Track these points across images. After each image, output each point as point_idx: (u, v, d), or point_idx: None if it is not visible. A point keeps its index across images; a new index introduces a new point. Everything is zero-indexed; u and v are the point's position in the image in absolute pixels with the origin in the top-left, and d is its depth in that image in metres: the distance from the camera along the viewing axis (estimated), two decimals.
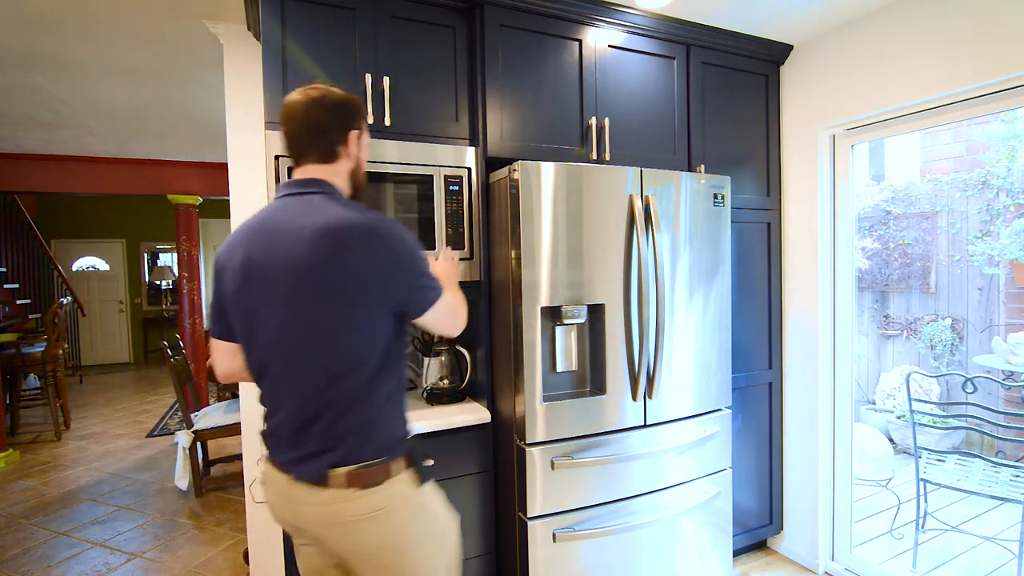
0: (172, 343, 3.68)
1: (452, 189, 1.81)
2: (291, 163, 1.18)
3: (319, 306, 1.03)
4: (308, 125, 1.12)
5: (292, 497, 1.09)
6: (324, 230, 1.03)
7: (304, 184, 1.12)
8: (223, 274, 1.13)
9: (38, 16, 2.18)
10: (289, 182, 1.14)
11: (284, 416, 1.09)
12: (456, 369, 1.99)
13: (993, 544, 2.55)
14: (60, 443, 4.44)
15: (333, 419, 1.05)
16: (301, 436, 1.07)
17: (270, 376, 1.11)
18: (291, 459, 1.09)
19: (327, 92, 1.14)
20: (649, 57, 2.11)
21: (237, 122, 2.15)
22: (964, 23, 1.79)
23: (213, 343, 1.20)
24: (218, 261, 1.15)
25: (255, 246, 1.08)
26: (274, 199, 1.15)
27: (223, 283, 1.13)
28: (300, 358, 1.06)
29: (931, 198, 3.91)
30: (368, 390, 1.07)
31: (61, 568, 2.54)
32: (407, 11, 1.79)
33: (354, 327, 1.05)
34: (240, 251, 1.09)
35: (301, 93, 1.14)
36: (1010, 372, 3.13)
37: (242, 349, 1.15)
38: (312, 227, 1.03)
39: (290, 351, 1.06)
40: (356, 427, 1.06)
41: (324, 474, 1.05)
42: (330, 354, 1.05)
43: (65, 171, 4.79)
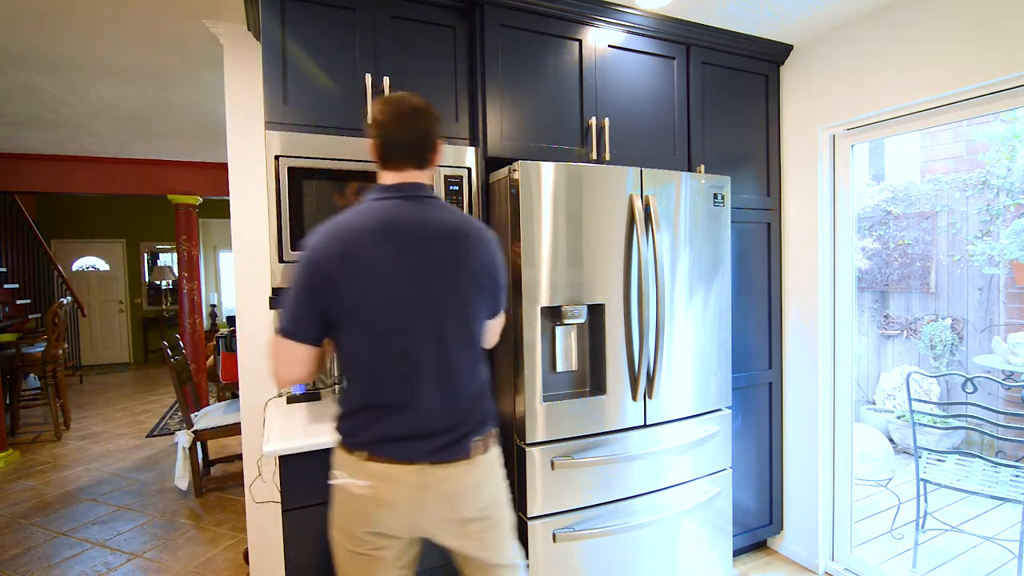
0: (172, 343, 3.68)
1: (452, 189, 1.81)
2: (382, 164, 1.23)
3: (460, 299, 1.20)
4: (418, 132, 1.21)
5: (430, 483, 1.18)
6: (459, 230, 1.20)
7: (413, 188, 1.22)
8: (343, 274, 1.12)
9: (38, 16, 2.18)
10: (398, 185, 1.22)
11: (425, 407, 1.18)
12: None
13: (993, 544, 2.55)
14: (60, 443, 4.45)
15: (473, 400, 1.23)
16: (451, 420, 1.20)
17: (410, 369, 1.17)
18: (439, 446, 1.19)
19: (427, 102, 1.25)
20: (649, 57, 2.11)
21: (237, 122, 2.15)
22: (964, 23, 1.79)
23: (292, 348, 1.15)
24: (329, 263, 1.12)
25: (395, 244, 1.15)
26: (383, 200, 1.20)
27: (341, 283, 1.12)
28: (449, 347, 1.19)
29: (931, 198, 3.91)
30: (484, 373, 1.29)
31: (61, 568, 2.54)
32: (407, 11, 1.79)
33: (479, 318, 1.25)
34: (369, 250, 1.13)
35: (407, 100, 1.22)
36: (1010, 372, 3.13)
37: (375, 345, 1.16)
38: (447, 227, 1.19)
39: (441, 341, 1.18)
40: (485, 404, 1.27)
41: (468, 448, 1.21)
42: (469, 342, 1.23)
43: (65, 171, 4.79)
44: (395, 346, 1.16)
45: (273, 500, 2.17)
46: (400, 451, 1.18)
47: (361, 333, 1.16)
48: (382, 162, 1.23)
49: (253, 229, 2.18)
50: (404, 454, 1.17)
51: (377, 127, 1.21)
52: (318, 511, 1.54)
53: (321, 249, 1.14)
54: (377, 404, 1.18)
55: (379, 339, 1.16)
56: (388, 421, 1.18)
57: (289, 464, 1.51)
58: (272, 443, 1.49)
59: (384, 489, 1.17)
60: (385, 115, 1.20)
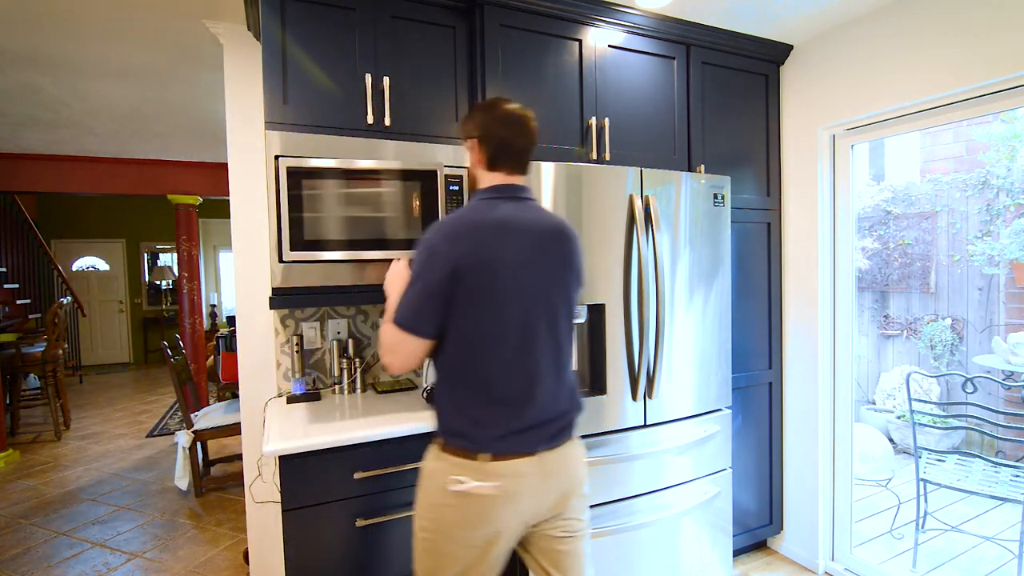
0: (172, 343, 3.68)
1: (452, 189, 1.80)
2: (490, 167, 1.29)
3: (567, 296, 1.30)
4: (531, 139, 1.31)
5: (550, 469, 1.25)
6: (562, 231, 1.29)
7: (521, 190, 1.31)
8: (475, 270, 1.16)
9: (38, 16, 2.18)
10: (508, 187, 1.29)
11: (541, 397, 1.24)
12: None
13: (993, 544, 2.55)
14: (60, 443, 4.44)
15: (573, 387, 1.33)
16: (561, 406, 1.28)
17: (530, 363, 1.22)
18: (554, 432, 1.26)
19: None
20: (649, 57, 2.11)
21: (237, 122, 2.15)
22: (964, 23, 1.79)
23: (410, 343, 1.19)
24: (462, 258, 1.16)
25: (518, 243, 1.21)
26: (497, 199, 1.26)
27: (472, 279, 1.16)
28: (560, 340, 1.28)
29: (931, 198, 3.91)
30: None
31: (61, 568, 2.54)
32: (407, 11, 1.79)
33: (575, 313, 1.35)
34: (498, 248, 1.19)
35: (520, 109, 1.30)
36: (1010, 372, 3.13)
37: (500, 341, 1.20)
38: (554, 228, 1.28)
39: (554, 335, 1.27)
40: (577, 390, 1.35)
41: (573, 429, 1.32)
42: (570, 335, 1.32)
43: (65, 171, 4.79)
44: (519, 341, 1.21)
45: (273, 500, 2.17)
46: (524, 444, 1.22)
47: (486, 329, 1.19)
48: (490, 164, 1.29)
49: (253, 229, 2.18)
50: (527, 446, 1.22)
51: (491, 132, 1.28)
52: (318, 511, 1.54)
53: (453, 245, 1.17)
54: (501, 400, 1.21)
55: (504, 335, 1.20)
56: (512, 416, 1.21)
57: (289, 464, 1.51)
58: (272, 443, 1.49)
59: (512, 484, 1.20)
60: (500, 122, 1.28)
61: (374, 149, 1.71)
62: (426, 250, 1.19)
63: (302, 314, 2.14)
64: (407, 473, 1.66)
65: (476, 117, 1.32)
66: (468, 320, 1.19)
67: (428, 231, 1.22)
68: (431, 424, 1.69)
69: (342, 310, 2.19)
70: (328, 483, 1.55)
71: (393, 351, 1.21)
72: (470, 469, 1.19)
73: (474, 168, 1.34)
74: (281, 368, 2.12)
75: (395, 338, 1.20)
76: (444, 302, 1.17)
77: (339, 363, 2.09)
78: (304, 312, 2.14)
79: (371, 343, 2.24)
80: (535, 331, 1.23)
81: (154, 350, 8.32)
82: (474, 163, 1.33)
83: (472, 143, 1.32)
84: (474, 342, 1.20)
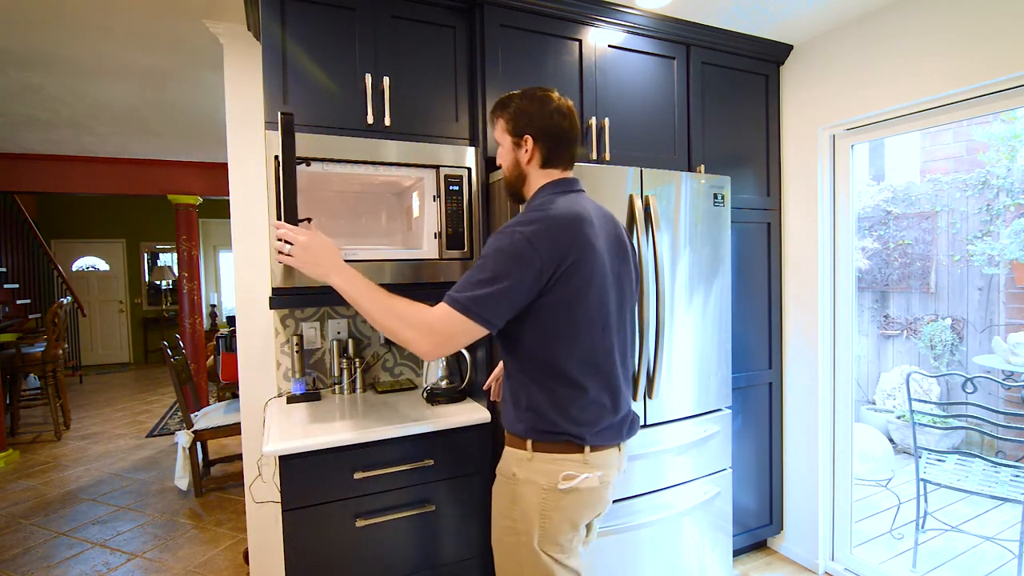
0: (172, 343, 3.68)
1: (452, 189, 1.80)
2: (548, 162, 1.27)
3: (634, 287, 1.34)
4: (580, 132, 1.33)
5: (623, 461, 1.30)
6: (617, 220, 1.33)
7: (578, 184, 1.30)
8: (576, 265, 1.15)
9: (38, 16, 2.18)
10: (570, 180, 1.29)
11: (623, 390, 1.27)
12: (456, 369, 1.99)
13: (993, 544, 2.55)
14: (60, 443, 4.44)
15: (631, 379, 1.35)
16: (630, 399, 1.32)
17: (616, 355, 1.24)
18: (629, 423, 1.29)
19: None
20: (649, 57, 2.11)
21: (237, 122, 2.15)
22: (964, 23, 1.79)
23: (472, 330, 1.12)
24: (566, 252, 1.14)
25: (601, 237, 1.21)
26: (568, 193, 1.25)
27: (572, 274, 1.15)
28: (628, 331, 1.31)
29: (931, 198, 3.91)
30: None
31: (61, 568, 2.54)
32: (407, 11, 1.79)
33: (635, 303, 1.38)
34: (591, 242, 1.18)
35: (568, 100, 1.28)
36: (1010, 372, 3.13)
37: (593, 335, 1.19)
38: (613, 217, 1.31)
39: (626, 326, 1.29)
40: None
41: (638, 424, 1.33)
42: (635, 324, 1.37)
43: (65, 171, 4.79)
44: (608, 334, 1.22)
45: (273, 500, 2.17)
46: (614, 436, 1.25)
47: (583, 324, 1.18)
48: (549, 160, 1.26)
49: (253, 229, 2.18)
50: (616, 438, 1.25)
51: (547, 128, 1.24)
52: (318, 511, 1.54)
53: (549, 243, 1.12)
54: (599, 393, 1.21)
55: (598, 329, 1.20)
56: (608, 409, 1.23)
57: (289, 464, 1.51)
58: (272, 443, 1.49)
59: (607, 475, 1.24)
60: (557, 116, 1.24)
61: (374, 149, 1.71)
62: (517, 242, 1.11)
63: (302, 314, 2.14)
64: (407, 473, 1.66)
65: (527, 112, 1.24)
66: (564, 317, 1.16)
67: (513, 227, 1.14)
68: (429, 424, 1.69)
69: (342, 310, 2.19)
70: (328, 483, 1.55)
71: (451, 337, 1.13)
72: (577, 463, 1.19)
73: (520, 166, 1.28)
74: (281, 368, 2.12)
75: (459, 324, 1.11)
76: (528, 299, 1.13)
77: (339, 363, 2.09)
78: (304, 312, 2.14)
79: (371, 343, 2.24)
80: (620, 323, 1.26)
81: (154, 350, 8.32)
82: (521, 160, 1.27)
83: (525, 140, 1.25)
84: (571, 337, 1.17)
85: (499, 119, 1.31)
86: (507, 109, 1.28)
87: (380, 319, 1.16)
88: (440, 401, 1.91)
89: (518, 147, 1.27)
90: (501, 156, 1.33)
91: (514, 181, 1.31)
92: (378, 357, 2.25)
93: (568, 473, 1.18)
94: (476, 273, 1.13)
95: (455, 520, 1.74)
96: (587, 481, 1.19)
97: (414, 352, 1.16)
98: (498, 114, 1.31)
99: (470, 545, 1.78)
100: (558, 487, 1.18)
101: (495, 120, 1.32)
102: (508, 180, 1.33)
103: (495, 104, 1.33)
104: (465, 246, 1.84)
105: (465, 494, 1.77)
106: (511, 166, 1.30)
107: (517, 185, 1.32)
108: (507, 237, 1.13)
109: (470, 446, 1.77)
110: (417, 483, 1.68)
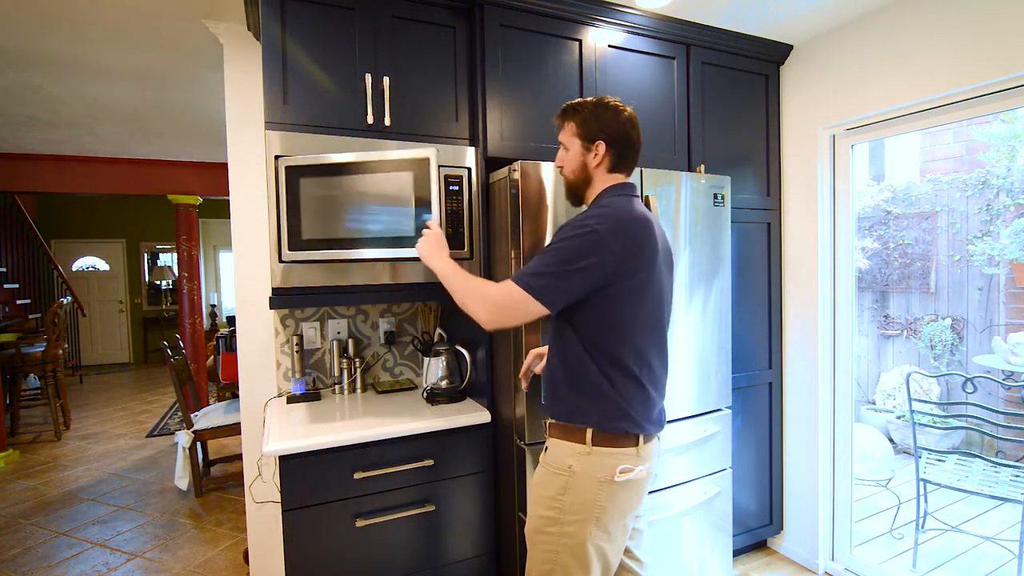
0: (172, 343, 3.68)
1: (452, 189, 1.80)
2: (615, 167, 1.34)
3: (673, 286, 1.42)
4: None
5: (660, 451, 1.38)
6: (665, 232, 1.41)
7: (636, 190, 1.37)
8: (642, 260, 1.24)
9: (38, 16, 2.18)
10: (632, 185, 1.36)
11: (664, 383, 1.34)
12: (456, 369, 1.99)
13: (993, 544, 2.55)
14: (60, 443, 4.44)
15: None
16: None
17: (664, 351, 1.33)
18: (664, 416, 1.35)
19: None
20: (649, 57, 2.11)
21: (237, 122, 2.15)
22: (964, 23, 1.79)
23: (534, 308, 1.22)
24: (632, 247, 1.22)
25: (659, 239, 1.30)
26: (631, 197, 1.32)
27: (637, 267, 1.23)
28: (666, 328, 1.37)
29: (931, 198, 3.91)
30: None
31: (61, 568, 2.54)
32: (407, 11, 1.79)
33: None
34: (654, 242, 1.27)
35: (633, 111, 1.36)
36: (1010, 372, 3.13)
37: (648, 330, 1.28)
38: (663, 229, 1.39)
39: (668, 323, 1.38)
40: None
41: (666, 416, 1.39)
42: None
43: (65, 171, 4.79)
44: (659, 330, 1.30)
45: (273, 500, 2.17)
46: (657, 426, 1.32)
47: (642, 318, 1.26)
48: (616, 165, 1.34)
49: (253, 229, 2.18)
50: (658, 428, 1.32)
51: (620, 135, 1.31)
52: (318, 511, 1.55)
53: (620, 238, 1.20)
54: (651, 386, 1.28)
55: (653, 323, 1.28)
56: (656, 400, 1.30)
57: (289, 464, 1.51)
58: (272, 443, 1.49)
59: (653, 466, 1.31)
60: (628, 124, 1.32)
61: (374, 149, 1.71)
62: (589, 235, 1.19)
63: (302, 314, 2.14)
64: (408, 473, 1.66)
65: (601, 118, 1.32)
66: (625, 309, 1.23)
67: (586, 220, 1.22)
68: (429, 424, 1.69)
69: (342, 310, 2.19)
70: (328, 483, 1.55)
71: (509, 310, 1.23)
72: (632, 456, 1.24)
73: (587, 169, 1.35)
74: (281, 368, 2.13)
75: (519, 300, 1.21)
76: (591, 289, 1.21)
77: (339, 363, 2.09)
78: (304, 312, 2.14)
79: (371, 343, 2.24)
80: (664, 322, 1.34)
81: (154, 350, 8.32)
82: (590, 164, 1.34)
83: (596, 145, 1.32)
84: (629, 329, 1.25)
85: (569, 123, 1.36)
86: (579, 114, 1.34)
87: (460, 293, 1.32)
88: (440, 401, 1.91)
89: (587, 151, 1.33)
90: (566, 158, 1.38)
91: (578, 183, 1.37)
92: (378, 357, 2.25)
93: (625, 467, 1.23)
94: (545, 258, 1.22)
95: (455, 520, 1.75)
96: (640, 473, 1.25)
97: (477, 321, 1.27)
98: (569, 118, 1.36)
99: (470, 545, 1.78)
100: (615, 479, 1.22)
101: (563, 124, 1.38)
102: (571, 182, 1.39)
103: (564, 109, 1.38)
104: (465, 246, 1.84)
105: (466, 493, 1.77)
106: (578, 168, 1.36)
107: (581, 187, 1.38)
108: (580, 229, 1.21)
109: (470, 446, 1.78)
110: (417, 483, 1.68)
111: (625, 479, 1.23)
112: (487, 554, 1.84)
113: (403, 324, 2.28)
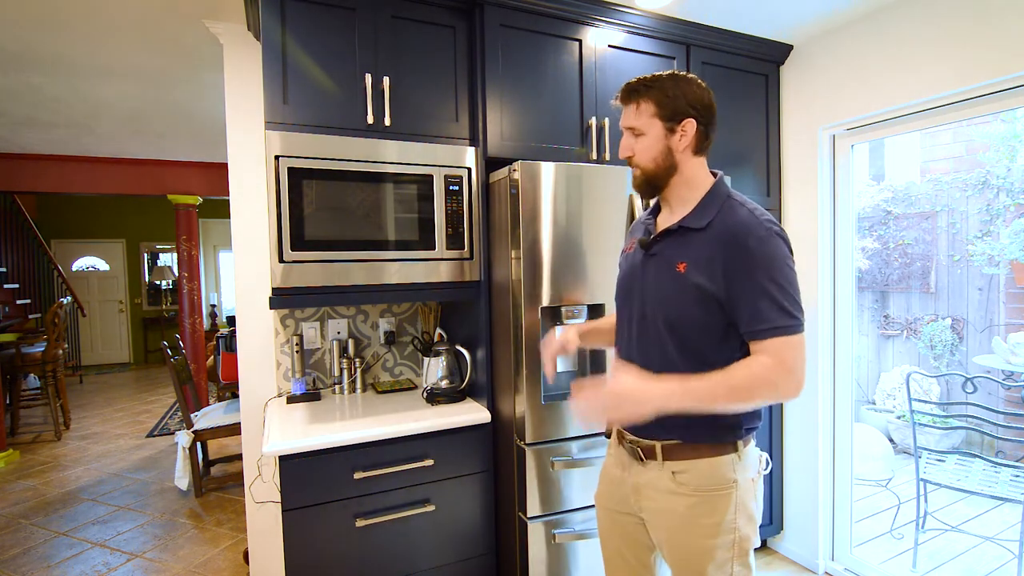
0: (172, 343, 3.68)
1: (452, 189, 1.81)
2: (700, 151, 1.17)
3: None
4: None
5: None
6: None
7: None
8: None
9: (38, 16, 2.18)
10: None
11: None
12: (456, 369, 1.99)
13: (993, 544, 2.55)
14: (60, 443, 4.44)
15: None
16: None
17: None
18: None
19: None
20: (649, 57, 2.11)
21: (237, 122, 2.15)
22: (964, 23, 1.79)
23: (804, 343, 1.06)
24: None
25: None
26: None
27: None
28: None
29: (931, 198, 3.91)
30: None
31: (61, 568, 2.54)
32: (407, 11, 1.79)
33: None
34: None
35: None
36: (1010, 372, 3.13)
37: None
38: None
39: None
40: None
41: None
42: None
43: (65, 171, 4.79)
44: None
45: (273, 500, 2.17)
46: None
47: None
48: (699, 148, 1.15)
49: (253, 229, 2.18)
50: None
51: (710, 113, 1.14)
52: (318, 511, 1.55)
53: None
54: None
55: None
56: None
57: (289, 464, 1.51)
58: (272, 443, 1.49)
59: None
60: (712, 97, 1.14)
61: (374, 149, 1.71)
62: (787, 247, 1.07)
63: (302, 314, 2.14)
64: (408, 473, 1.66)
65: (684, 92, 1.11)
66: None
67: (768, 226, 1.06)
68: (429, 424, 1.69)
69: (342, 310, 2.19)
70: (328, 483, 1.56)
71: (804, 359, 1.04)
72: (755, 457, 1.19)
73: (672, 154, 1.14)
74: (281, 368, 2.13)
75: (802, 345, 1.04)
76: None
77: (339, 363, 2.09)
78: (304, 312, 2.14)
79: (371, 343, 2.24)
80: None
81: (154, 350, 8.32)
82: (676, 148, 1.13)
83: (686, 124, 1.11)
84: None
85: (644, 102, 1.13)
86: (653, 90, 1.12)
87: (745, 401, 1.03)
88: (440, 401, 1.91)
89: (672, 132, 1.12)
90: (639, 145, 1.15)
91: (661, 172, 1.15)
92: (378, 357, 2.25)
93: (763, 455, 1.20)
94: (780, 287, 1.04)
95: (455, 520, 1.75)
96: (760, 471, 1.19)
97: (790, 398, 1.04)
98: (643, 97, 1.13)
99: (470, 545, 1.78)
100: (762, 472, 1.18)
101: (636, 104, 1.14)
102: (651, 172, 1.15)
103: (633, 87, 1.15)
104: (465, 246, 1.84)
105: (466, 493, 1.77)
106: (661, 154, 1.13)
107: (663, 177, 1.15)
108: (777, 240, 1.06)
109: (470, 446, 1.78)
110: (417, 483, 1.68)
111: (763, 468, 1.18)
112: (487, 554, 1.84)
113: (403, 324, 2.29)
